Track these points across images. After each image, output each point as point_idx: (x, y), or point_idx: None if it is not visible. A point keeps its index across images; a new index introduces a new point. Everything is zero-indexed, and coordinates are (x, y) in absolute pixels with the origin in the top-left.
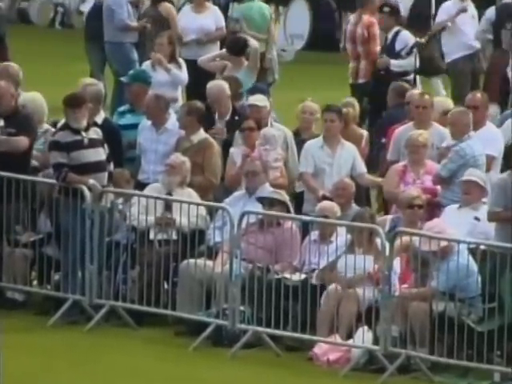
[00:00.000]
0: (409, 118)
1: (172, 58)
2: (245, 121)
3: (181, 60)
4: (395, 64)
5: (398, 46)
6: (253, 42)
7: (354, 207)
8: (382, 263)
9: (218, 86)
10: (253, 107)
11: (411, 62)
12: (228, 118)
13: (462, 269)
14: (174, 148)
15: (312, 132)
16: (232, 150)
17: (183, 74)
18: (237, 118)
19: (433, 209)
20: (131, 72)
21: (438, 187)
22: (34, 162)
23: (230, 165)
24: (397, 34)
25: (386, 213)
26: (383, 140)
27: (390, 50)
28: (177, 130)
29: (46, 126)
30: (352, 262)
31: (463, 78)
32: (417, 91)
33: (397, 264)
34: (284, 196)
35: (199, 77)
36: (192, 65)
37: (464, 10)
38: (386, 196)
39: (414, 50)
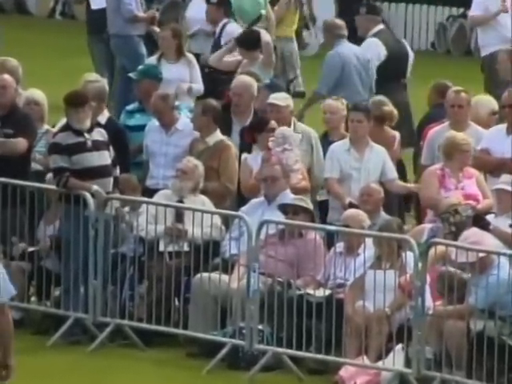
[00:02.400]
0: (447, 117)
1: (180, 54)
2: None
3: (190, 56)
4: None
5: (223, 40)
6: (264, 35)
7: (383, 215)
8: (413, 277)
9: (245, 82)
10: (273, 106)
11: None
12: (248, 123)
13: (503, 284)
14: (185, 150)
15: (342, 133)
16: (245, 155)
17: (200, 85)
18: None
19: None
20: (140, 67)
21: (480, 194)
22: (38, 166)
23: (245, 172)
24: (224, 26)
25: (420, 221)
26: (421, 143)
27: (216, 45)
28: (188, 130)
29: (46, 126)
30: (380, 277)
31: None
32: (453, 89)
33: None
34: (309, 203)
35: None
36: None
37: (505, 11)
38: (426, 203)
39: None
